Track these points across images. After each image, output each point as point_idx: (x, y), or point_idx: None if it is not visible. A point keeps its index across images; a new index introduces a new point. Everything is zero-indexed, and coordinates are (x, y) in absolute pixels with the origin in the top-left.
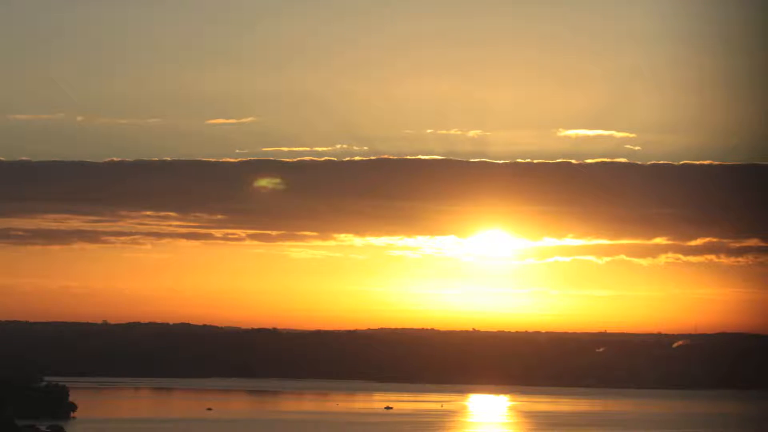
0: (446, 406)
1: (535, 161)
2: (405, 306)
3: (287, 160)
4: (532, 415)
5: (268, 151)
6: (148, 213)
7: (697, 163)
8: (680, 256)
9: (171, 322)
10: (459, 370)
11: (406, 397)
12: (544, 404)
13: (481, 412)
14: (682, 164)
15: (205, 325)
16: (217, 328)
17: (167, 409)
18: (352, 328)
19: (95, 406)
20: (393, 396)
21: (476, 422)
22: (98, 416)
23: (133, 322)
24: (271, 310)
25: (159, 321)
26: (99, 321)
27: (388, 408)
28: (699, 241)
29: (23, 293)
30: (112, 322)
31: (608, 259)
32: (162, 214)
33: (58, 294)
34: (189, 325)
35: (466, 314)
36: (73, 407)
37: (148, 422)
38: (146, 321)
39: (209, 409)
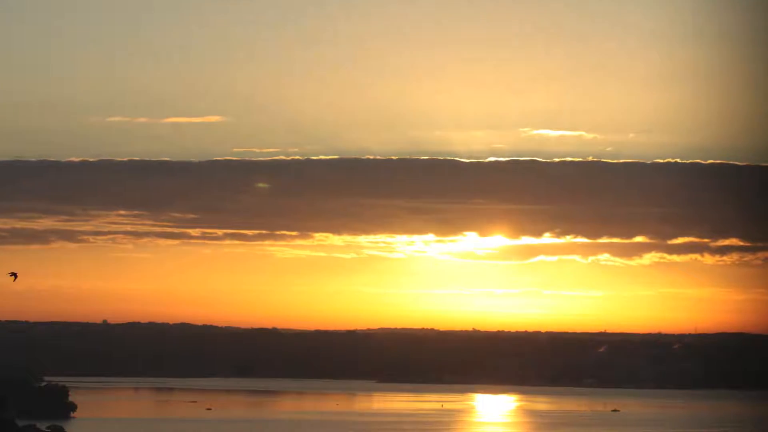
0: (446, 406)
1: (503, 159)
2: (404, 306)
3: (258, 159)
4: (532, 415)
5: (237, 150)
6: (122, 212)
7: (664, 161)
8: (665, 255)
9: (171, 322)
10: (459, 370)
11: (406, 397)
12: (544, 404)
13: (482, 411)
14: (653, 163)
15: (205, 325)
16: (217, 328)
17: (167, 409)
18: (352, 328)
19: (95, 406)
20: (393, 396)
21: (478, 422)
22: (98, 416)
23: (133, 322)
24: (270, 310)
25: (159, 321)
26: (99, 321)
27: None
28: (680, 240)
29: (14, 292)
30: (112, 322)
31: (593, 258)
32: (134, 212)
33: (50, 294)
34: (189, 325)
35: (466, 314)
36: (73, 407)
37: (148, 422)
38: (146, 321)
39: (209, 409)
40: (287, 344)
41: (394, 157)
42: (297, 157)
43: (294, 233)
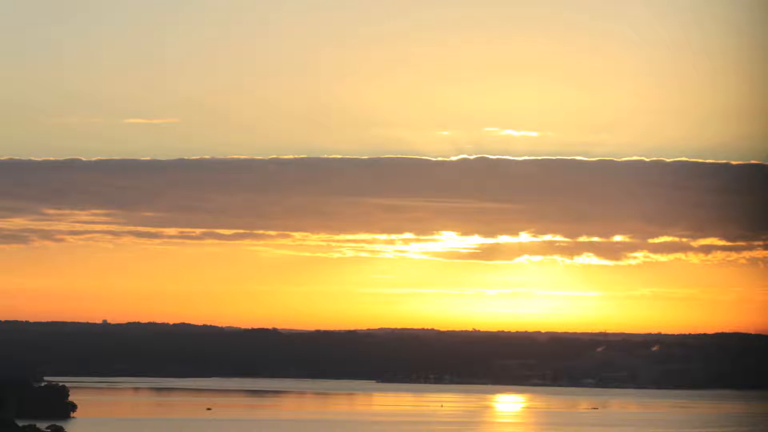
0: (446, 406)
1: (471, 157)
2: (404, 306)
3: (224, 158)
4: (532, 415)
5: (204, 150)
6: (95, 211)
7: (631, 159)
8: (649, 254)
9: (171, 322)
10: (459, 370)
11: (406, 397)
12: (545, 404)
13: (483, 412)
14: (624, 161)
15: (205, 325)
16: (216, 328)
17: (167, 409)
18: (352, 328)
19: (95, 406)
20: (393, 396)
21: (479, 422)
22: (98, 416)
23: (133, 322)
24: (270, 310)
25: (159, 321)
26: (98, 321)
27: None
28: (661, 240)
29: (13, 293)
30: (112, 321)
31: (578, 258)
32: (107, 212)
33: (41, 293)
34: (189, 325)
35: (466, 314)
36: (73, 407)
37: (148, 422)
38: (146, 321)
39: (209, 409)
40: (287, 344)
41: (363, 156)
42: (259, 157)
43: (274, 233)
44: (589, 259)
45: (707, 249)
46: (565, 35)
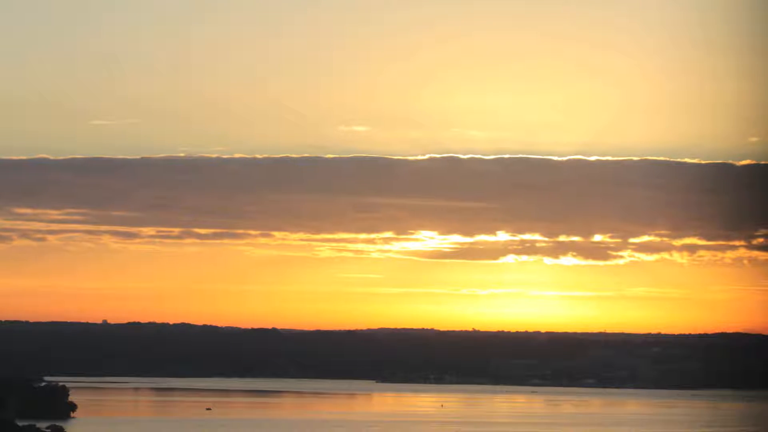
0: (446, 406)
1: (438, 156)
2: (405, 306)
3: (189, 156)
4: (532, 415)
5: (166, 150)
6: (70, 210)
7: (597, 159)
8: (633, 253)
9: (171, 322)
10: (459, 370)
11: (406, 397)
12: (545, 404)
13: (482, 412)
14: (595, 160)
15: (205, 325)
16: (216, 328)
17: (167, 409)
18: (351, 328)
19: (95, 406)
20: (393, 396)
21: (478, 422)
22: (98, 416)
23: (133, 322)
24: (270, 310)
25: (159, 321)
26: (98, 321)
27: None
28: (642, 239)
29: (13, 292)
30: (112, 322)
31: (564, 257)
32: (79, 210)
33: (38, 293)
34: (189, 325)
35: (465, 314)
36: (73, 407)
37: (148, 422)
38: (146, 321)
39: (209, 409)
40: (287, 344)
41: (330, 156)
42: (226, 156)
43: (255, 232)
44: (574, 258)
45: (690, 248)
46: (530, 35)
